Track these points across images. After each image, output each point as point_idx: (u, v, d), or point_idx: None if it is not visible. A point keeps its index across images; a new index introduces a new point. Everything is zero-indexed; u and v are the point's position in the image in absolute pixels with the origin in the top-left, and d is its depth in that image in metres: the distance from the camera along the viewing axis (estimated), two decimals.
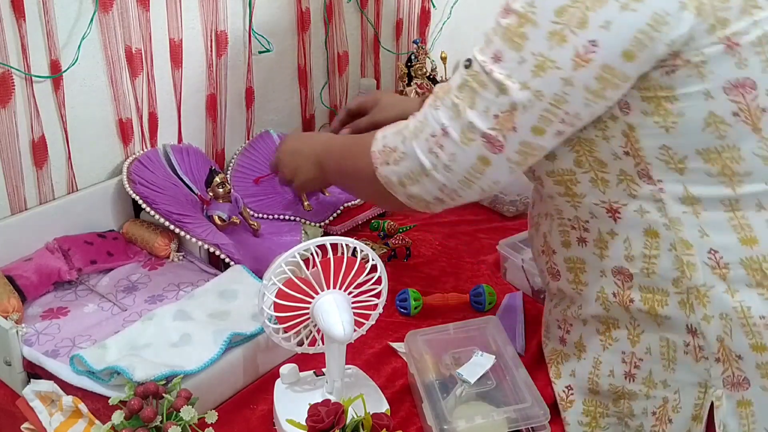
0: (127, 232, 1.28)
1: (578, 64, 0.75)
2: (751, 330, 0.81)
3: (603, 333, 0.93)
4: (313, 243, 0.89)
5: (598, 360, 0.94)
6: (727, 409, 0.84)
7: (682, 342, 0.86)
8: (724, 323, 0.82)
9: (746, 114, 0.77)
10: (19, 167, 1.17)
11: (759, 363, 0.82)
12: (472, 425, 0.87)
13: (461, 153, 0.83)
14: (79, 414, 0.88)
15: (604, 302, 0.90)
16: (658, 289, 0.85)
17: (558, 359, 1.01)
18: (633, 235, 0.85)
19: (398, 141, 0.89)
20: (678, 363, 0.86)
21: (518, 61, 0.77)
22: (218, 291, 1.09)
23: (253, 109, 1.53)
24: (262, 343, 1.01)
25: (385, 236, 1.32)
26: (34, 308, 1.12)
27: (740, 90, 0.76)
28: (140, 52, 1.27)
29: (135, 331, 0.99)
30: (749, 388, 0.83)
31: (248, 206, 1.36)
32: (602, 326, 0.93)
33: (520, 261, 1.21)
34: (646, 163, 0.81)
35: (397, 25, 1.81)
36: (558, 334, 1.02)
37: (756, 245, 0.81)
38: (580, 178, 0.86)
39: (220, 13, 1.38)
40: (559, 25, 0.74)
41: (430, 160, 0.85)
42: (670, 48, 0.74)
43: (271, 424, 0.94)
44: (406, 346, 1.00)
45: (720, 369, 0.84)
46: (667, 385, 0.88)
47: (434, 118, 0.85)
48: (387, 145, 0.91)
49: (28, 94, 1.15)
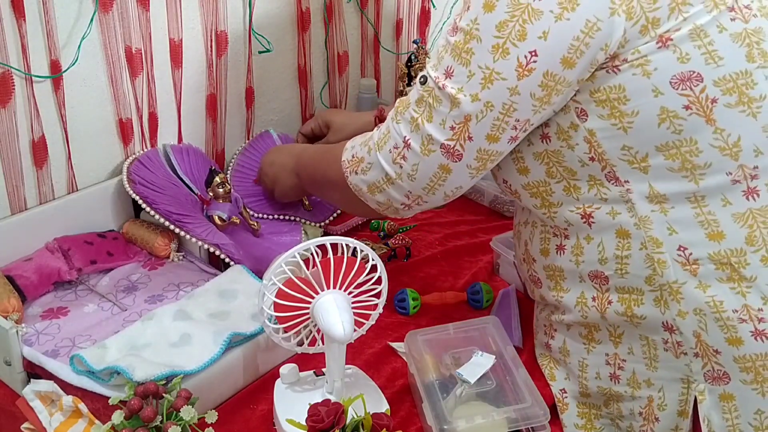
0: (127, 232, 1.28)
1: (521, 74, 0.80)
2: (726, 324, 0.83)
3: (585, 336, 0.96)
4: (313, 243, 0.89)
5: (584, 363, 0.96)
6: (710, 403, 0.86)
7: (660, 339, 0.87)
8: (699, 318, 0.84)
9: (697, 106, 0.80)
10: (19, 167, 1.17)
11: (736, 357, 0.83)
12: (472, 425, 0.87)
13: (423, 163, 0.90)
14: (79, 414, 0.88)
15: (583, 308, 0.93)
16: (633, 289, 0.88)
17: (549, 363, 1.04)
18: (606, 238, 0.88)
19: (365, 151, 0.96)
20: (659, 361, 0.88)
21: (467, 75, 0.83)
22: (218, 291, 1.09)
23: (253, 109, 1.53)
24: (262, 343, 1.01)
25: (385, 236, 1.32)
26: (34, 308, 1.12)
27: (687, 83, 0.79)
28: (140, 52, 1.27)
29: (135, 331, 0.99)
30: (730, 382, 0.85)
31: (248, 206, 1.36)
32: (584, 329, 0.95)
33: (512, 257, 1.21)
34: (611, 165, 0.85)
35: (397, 25, 1.81)
36: (544, 340, 1.05)
37: (723, 240, 0.83)
38: (554, 188, 0.90)
39: (220, 13, 1.38)
40: (501, 39, 0.80)
41: (395, 169, 0.92)
42: (606, 52, 0.79)
43: (271, 424, 0.94)
44: (406, 346, 1.00)
45: (700, 364, 0.85)
46: (651, 383, 0.90)
47: (396, 130, 0.91)
48: (355, 155, 0.97)
49: (28, 94, 1.15)
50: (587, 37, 0.78)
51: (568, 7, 0.77)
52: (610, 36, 0.78)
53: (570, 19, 0.77)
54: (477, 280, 1.24)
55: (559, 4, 0.77)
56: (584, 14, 0.77)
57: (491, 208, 1.52)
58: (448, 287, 1.24)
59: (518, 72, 0.80)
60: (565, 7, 0.77)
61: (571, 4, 0.77)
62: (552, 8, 0.77)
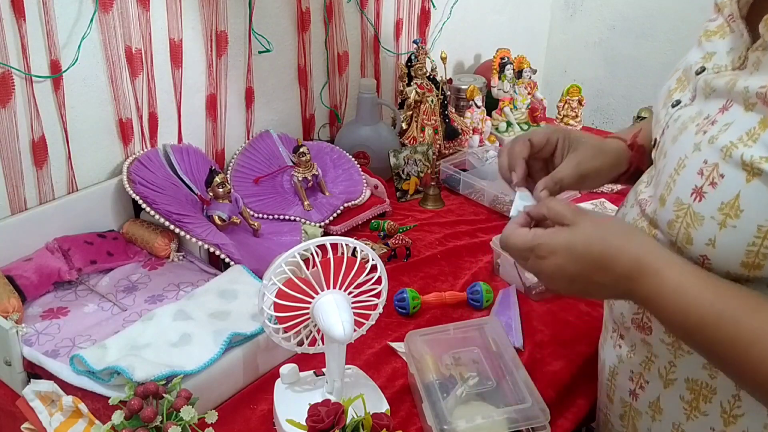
0: (127, 232, 1.28)
1: None
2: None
3: (689, 402, 0.80)
4: (313, 243, 0.89)
5: (679, 428, 0.82)
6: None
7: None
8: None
9: None
10: (19, 167, 1.17)
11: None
12: (472, 425, 0.87)
13: None
14: (79, 414, 0.88)
15: (711, 367, 0.76)
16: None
17: (630, 413, 0.90)
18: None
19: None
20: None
21: None
22: (218, 291, 1.09)
23: (253, 109, 1.53)
24: (262, 343, 1.01)
25: (385, 236, 1.32)
26: (34, 308, 1.12)
27: None
28: (140, 52, 1.27)
29: (135, 331, 0.99)
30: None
31: (248, 206, 1.36)
32: (690, 395, 0.79)
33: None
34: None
35: (397, 25, 1.81)
36: (628, 386, 0.89)
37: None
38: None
39: (220, 13, 1.38)
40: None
41: None
42: None
43: (271, 424, 0.94)
44: (406, 346, 1.00)
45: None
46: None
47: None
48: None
49: (28, 94, 1.15)
50: None
51: None
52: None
53: None
54: (477, 280, 1.24)
55: None
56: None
57: (491, 208, 1.52)
58: (448, 287, 1.24)
59: None
60: None
61: None
62: None
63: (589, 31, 2.45)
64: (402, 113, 1.68)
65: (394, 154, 1.56)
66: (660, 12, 2.26)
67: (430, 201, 1.54)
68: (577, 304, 1.20)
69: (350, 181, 1.51)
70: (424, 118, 1.66)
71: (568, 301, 1.21)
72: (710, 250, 0.70)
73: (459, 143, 1.72)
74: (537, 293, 1.21)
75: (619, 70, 2.42)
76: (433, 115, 1.67)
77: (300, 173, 1.43)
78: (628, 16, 2.34)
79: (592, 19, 2.43)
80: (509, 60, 1.87)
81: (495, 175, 1.58)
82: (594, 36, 2.44)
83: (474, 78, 1.91)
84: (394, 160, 1.56)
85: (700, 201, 0.70)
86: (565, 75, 2.53)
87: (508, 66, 1.86)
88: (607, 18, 2.40)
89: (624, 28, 2.36)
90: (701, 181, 0.70)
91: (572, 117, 1.88)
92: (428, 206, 1.54)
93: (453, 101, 1.86)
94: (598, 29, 2.43)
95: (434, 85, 1.67)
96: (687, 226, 0.71)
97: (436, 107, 1.67)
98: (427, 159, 1.59)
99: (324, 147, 1.57)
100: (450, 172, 1.60)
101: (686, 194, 0.71)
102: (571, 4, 2.46)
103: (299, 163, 1.43)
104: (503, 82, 1.87)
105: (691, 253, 0.72)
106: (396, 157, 1.56)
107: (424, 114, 1.66)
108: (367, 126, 1.61)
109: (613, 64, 2.43)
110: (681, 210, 0.72)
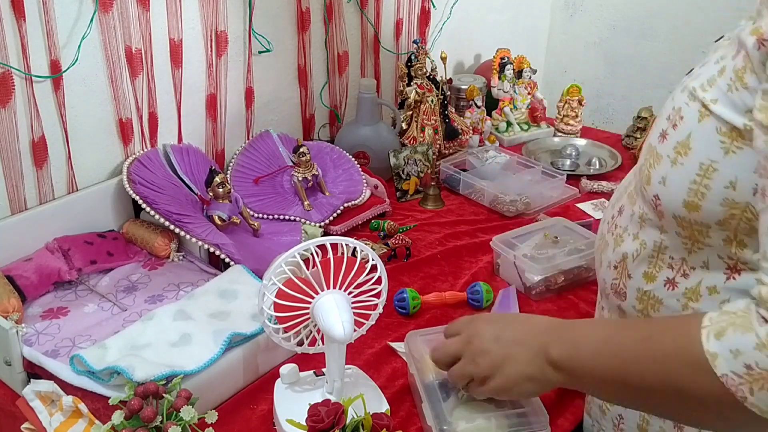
0: (127, 232, 1.28)
1: None
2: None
3: None
4: (313, 243, 0.89)
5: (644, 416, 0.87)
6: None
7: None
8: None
9: None
10: (19, 167, 1.17)
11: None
12: (472, 426, 0.86)
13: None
14: (79, 414, 0.88)
15: None
16: None
17: None
18: (735, 299, 0.72)
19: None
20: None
21: None
22: (218, 291, 1.09)
23: (253, 109, 1.53)
24: (262, 343, 1.01)
25: (385, 236, 1.32)
26: (34, 308, 1.12)
27: None
28: (140, 52, 1.27)
29: (135, 331, 0.99)
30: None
31: (248, 206, 1.36)
32: None
33: (512, 257, 1.21)
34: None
35: (397, 25, 1.81)
36: None
37: None
38: (712, 233, 0.73)
39: (220, 13, 1.38)
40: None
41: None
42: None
43: (271, 424, 0.94)
44: (406, 346, 1.00)
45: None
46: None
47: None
48: (757, 366, 0.62)
49: (28, 94, 1.15)
50: None
51: None
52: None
53: None
54: (477, 280, 1.24)
55: None
56: None
57: (491, 208, 1.52)
58: (448, 287, 1.24)
59: None
60: None
61: None
62: None
63: (589, 31, 2.45)
64: (402, 113, 1.68)
65: (394, 154, 1.56)
66: (660, 12, 2.26)
67: (430, 201, 1.54)
68: (577, 304, 1.20)
69: (350, 181, 1.51)
70: (424, 118, 1.66)
71: (568, 301, 1.21)
72: (661, 189, 0.74)
73: (459, 143, 1.72)
74: (537, 293, 1.21)
75: (619, 70, 2.42)
76: (433, 115, 1.67)
77: (300, 173, 1.43)
78: (628, 16, 2.34)
79: (592, 19, 2.43)
80: (509, 60, 1.87)
81: (495, 175, 1.58)
82: (594, 36, 2.44)
83: (474, 78, 1.91)
84: (394, 160, 1.56)
85: (662, 142, 0.75)
86: (565, 75, 2.53)
87: (508, 66, 1.86)
88: (607, 18, 2.40)
89: (624, 28, 2.36)
90: (667, 124, 0.75)
91: (572, 117, 1.88)
92: (428, 206, 1.54)
93: (453, 101, 1.86)
94: (598, 29, 2.43)
95: (434, 85, 1.67)
96: (649, 166, 0.76)
97: (436, 107, 1.67)
98: (427, 159, 1.59)
99: (324, 147, 1.57)
100: (450, 172, 1.60)
101: (655, 139, 0.76)
102: (571, 4, 2.46)
103: (299, 163, 1.43)
104: (503, 82, 1.87)
105: (648, 195, 0.77)
106: (396, 157, 1.56)
107: (424, 114, 1.66)
108: (367, 126, 1.61)
109: (613, 64, 2.43)
110: (649, 154, 0.77)
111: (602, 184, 1.61)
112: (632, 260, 0.83)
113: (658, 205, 0.76)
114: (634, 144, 1.81)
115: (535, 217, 1.48)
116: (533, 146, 1.81)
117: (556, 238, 1.26)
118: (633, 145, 1.81)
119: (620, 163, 1.72)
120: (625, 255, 0.84)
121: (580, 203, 1.55)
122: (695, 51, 2.18)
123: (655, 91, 2.32)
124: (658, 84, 2.31)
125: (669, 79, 2.28)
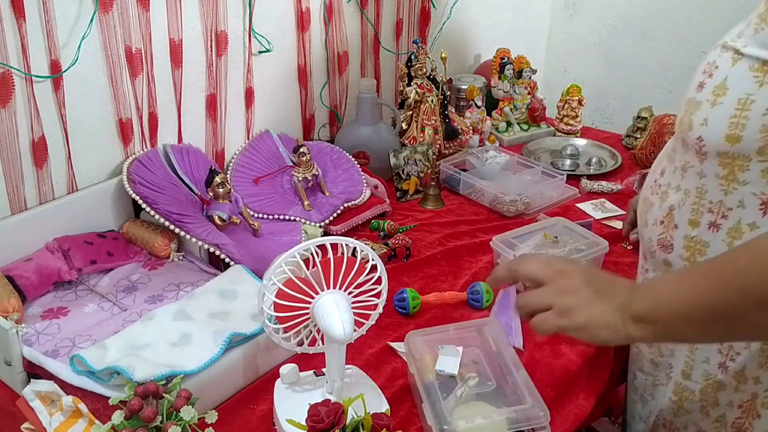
0: (127, 232, 1.28)
1: None
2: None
3: None
4: (313, 243, 0.89)
5: (694, 345, 0.94)
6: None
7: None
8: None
9: None
10: (19, 167, 1.17)
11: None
12: (472, 425, 0.87)
13: None
14: (79, 414, 0.88)
15: None
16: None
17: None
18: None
19: None
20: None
21: None
22: (218, 291, 1.09)
23: (253, 109, 1.53)
24: (262, 343, 1.01)
25: (385, 236, 1.32)
26: (34, 308, 1.12)
27: None
28: (140, 52, 1.27)
29: (135, 331, 0.99)
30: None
31: (248, 206, 1.36)
32: None
33: (512, 257, 1.21)
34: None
35: (397, 25, 1.81)
36: None
37: None
38: (752, 166, 0.82)
39: (220, 13, 1.38)
40: None
41: None
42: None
43: (271, 424, 0.94)
44: (406, 346, 1.00)
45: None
46: (759, 381, 0.90)
47: None
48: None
49: (28, 94, 1.15)
50: None
51: None
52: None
53: None
54: (477, 280, 1.24)
55: None
56: None
57: (491, 208, 1.52)
58: (448, 287, 1.24)
59: None
60: None
61: None
62: None
63: (589, 31, 2.45)
64: (402, 113, 1.68)
65: (394, 154, 1.56)
66: (660, 12, 2.26)
67: (430, 201, 1.54)
68: None
69: (350, 181, 1.51)
70: (424, 118, 1.66)
71: None
72: (704, 130, 0.84)
73: (459, 143, 1.72)
74: None
75: (619, 70, 2.42)
76: (433, 115, 1.67)
77: (300, 173, 1.43)
78: (628, 16, 2.34)
79: (592, 19, 2.43)
80: (509, 60, 1.87)
81: (495, 175, 1.58)
82: (594, 36, 2.44)
83: (474, 78, 1.91)
84: (394, 160, 1.56)
85: (700, 91, 0.85)
86: (565, 75, 2.53)
87: (508, 66, 1.86)
88: (607, 18, 2.40)
89: (624, 28, 2.36)
90: (703, 76, 0.86)
91: (572, 117, 1.88)
92: (428, 206, 1.54)
93: (453, 101, 1.86)
94: (598, 29, 2.43)
95: (434, 85, 1.67)
96: (690, 114, 0.86)
97: (436, 107, 1.67)
98: (427, 159, 1.59)
99: (324, 147, 1.57)
100: (450, 172, 1.60)
101: (693, 90, 0.87)
102: (571, 4, 2.46)
103: (299, 163, 1.43)
104: (503, 82, 1.87)
105: (690, 139, 0.86)
106: (396, 157, 1.56)
107: (424, 114, 1.66)
108: (367, 126, 1.61)
109: (613, 64, 2.43)
110: (687, 105, 0.87)
111: (602, 184, 1.61)
112: (678, 210, 0.91)
113: (702, 147, 0.85)
114: (634, 144, 1.81)
115: (535, 217, 1.48)
116: (533, 146, 1.81)
117: (556, 238, 1.27)
118: (633, 145, 1.81)
119: (620, 163, 1.72)
120: (671, 207, 0.92)
121: (580, 203, 1.55)
122: (695, 51, 2.18)
123: (655, 91, 2.32)
124: (658, 84, 2.31)
125: (669, 79, 2.28)
